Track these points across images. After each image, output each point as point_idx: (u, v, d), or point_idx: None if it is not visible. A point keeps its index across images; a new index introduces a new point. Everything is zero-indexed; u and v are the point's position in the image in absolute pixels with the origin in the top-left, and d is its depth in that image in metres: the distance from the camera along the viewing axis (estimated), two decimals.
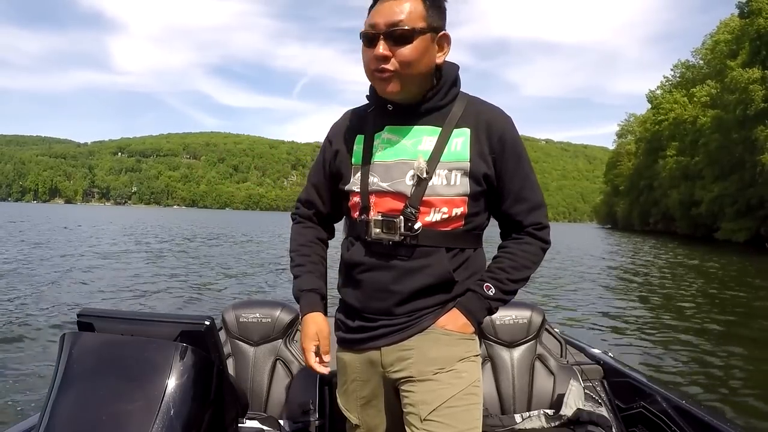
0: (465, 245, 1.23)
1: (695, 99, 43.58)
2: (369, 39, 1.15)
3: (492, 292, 1.21)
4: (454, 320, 1.20)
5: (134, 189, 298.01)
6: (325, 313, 1.32)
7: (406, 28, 1.13)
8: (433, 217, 1.18)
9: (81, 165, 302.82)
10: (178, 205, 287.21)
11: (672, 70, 54.95)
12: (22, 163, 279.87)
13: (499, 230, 1.33)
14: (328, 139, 1.35)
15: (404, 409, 1.21)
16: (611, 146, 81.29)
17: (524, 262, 1.24)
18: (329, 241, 1.46)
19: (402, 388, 1.22)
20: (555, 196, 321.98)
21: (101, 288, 9.14)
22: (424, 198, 1.16)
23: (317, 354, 1.28)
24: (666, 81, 55.46)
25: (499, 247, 1.29)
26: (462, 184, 1.18)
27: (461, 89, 1.27)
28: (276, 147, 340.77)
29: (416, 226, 1.16)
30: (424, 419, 1.15)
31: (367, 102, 1.31)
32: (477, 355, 1.26)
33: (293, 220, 1.45)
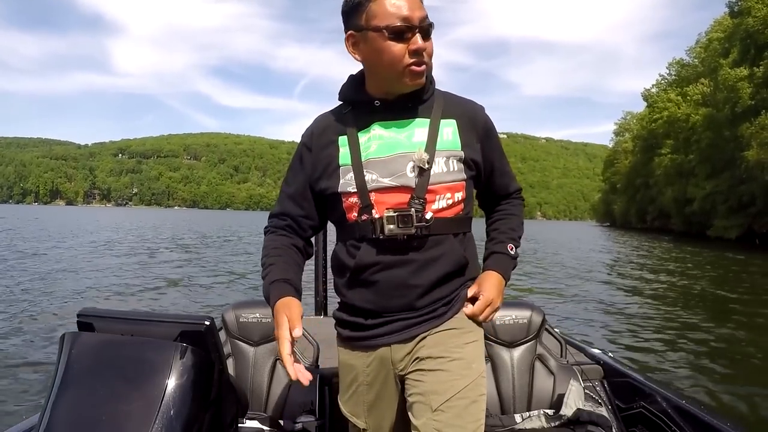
0: (465, 229, 1.28)
1: (689, 97, 43.50)
2: (401, 33, 1.12)
3: (513, 252, 1.32)
4: (492, 282, 1.26)
5: (135, 190, 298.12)
6: (299, 299, 1.17)
7: (431, 22, 1.16)
8: (439, 204, 1.20)
9: (82, 166, 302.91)
10: (179, 206, 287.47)
11: (667, 68, 54.63)
12: (23, 165, 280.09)
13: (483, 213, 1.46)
14: (305, 146, 1.28)
15: (410, 399, 1.17)
16: (610, 144, 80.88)
17: (521, 219, 1.41)
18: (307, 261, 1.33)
19: (410, 377, 1.19)
20: (555, 194, 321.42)
21: (101, 288, 9.16)
22: (429, 187, 1.18)
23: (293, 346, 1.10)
24: (661, 79, 55.23)
25: (497, 211, 1.40)
26: (459, 170, 1.22)
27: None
28: (276, 147, 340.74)
29: (428, 216, 1.17)
30: (435, 410, 1.12)
31: (341, 103, 1.29)
32: (482, 342, 1.26)
33: (265, 232, 1.32)
